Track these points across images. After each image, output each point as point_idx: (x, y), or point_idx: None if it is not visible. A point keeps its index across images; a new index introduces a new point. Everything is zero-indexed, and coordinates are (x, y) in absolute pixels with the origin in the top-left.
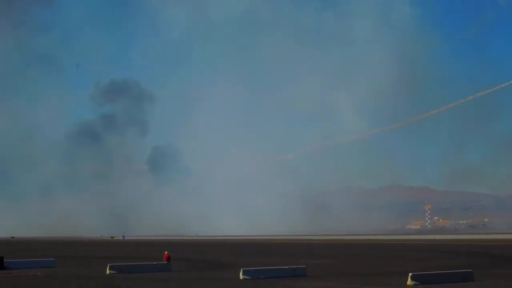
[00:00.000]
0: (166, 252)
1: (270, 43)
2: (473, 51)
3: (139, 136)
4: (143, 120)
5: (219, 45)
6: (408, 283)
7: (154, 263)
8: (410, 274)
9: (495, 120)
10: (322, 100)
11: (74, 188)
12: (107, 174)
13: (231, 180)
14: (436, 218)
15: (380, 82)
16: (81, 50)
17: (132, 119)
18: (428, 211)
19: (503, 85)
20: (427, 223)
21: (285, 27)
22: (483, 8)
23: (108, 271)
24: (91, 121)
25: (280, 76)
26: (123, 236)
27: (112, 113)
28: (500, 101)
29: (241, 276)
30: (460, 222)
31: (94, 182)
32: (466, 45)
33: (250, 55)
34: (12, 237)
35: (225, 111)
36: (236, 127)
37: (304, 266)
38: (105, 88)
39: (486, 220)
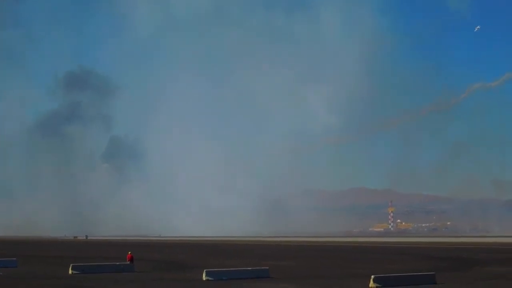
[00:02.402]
0: (129, 253)
1: (237, 40)
2: (435, 56)
3: (101, 132)
4: (106, 116)
5: (185, 41)
6: (370, 286)
7: (117, 263)
8: (372, 276)
9: (451, 124)
10: (288, 99)
11: (35, 186)
12: (69, 172)
13: (194, 179)
14: (399, 221)
15: (347, 85)
16: (45, 44)
17: (95, 116)
18: (391, 214)
19: (462, 95)
20: (390, 226)
21: (252, 24)
22: (444, 16)
23: (70, 271)
24: (52, 116)
25: (246, 74)
26: (86, 236)
27: (74, 109)
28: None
29: (204, 277)
30: (423, 225)
31: (56, 180)
32: (428, 50)
33: (217, 51)
34: None
35: (190, 108)
36: (201, 125)
37: (267, 267)
38: (66, 82)
39: (448, 223)
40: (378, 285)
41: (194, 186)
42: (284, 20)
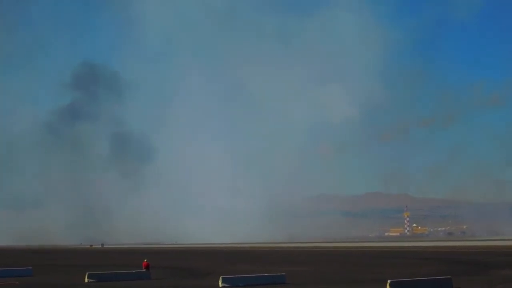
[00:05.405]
0: (145, 260)
1: (248, 41)
2: (439, 58)
3: (111, 136)
4: (118, 121)
5: (197, 41)
6: None
7: (133, 271)
8: (388, 281)
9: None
10: (302, 103)
11: (46, 194)
12: (80, 178)
13: (206, 184)
14: (414, 225)
15: (360, 89)
16: (56, 43)
17: (106, 119)
18: (407, 218)
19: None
20: (406, 230)
21: (263, 26)
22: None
23: (86, 280)
24: (61, 119)
25: (259, 76)
26: (102, 244)
27: (84, 111)
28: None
29: (220, 284)
30: (439, 229)
31: (67, 187)
32: (433, 52)
33: (228, 53)
34: None
35: (202, 110)
36: (214, 127)
37: (284, 273)
38: (75, 82)
39: (464, 227)
40: None
41: (206, 190)
42: (289, 23)
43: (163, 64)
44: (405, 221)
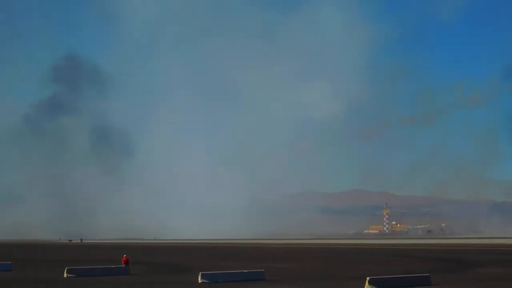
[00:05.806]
0: (124, 256)
1: (234, 37)
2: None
3: (95, 132)
4: (101, 115)
5: (180, 35)
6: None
7: (113, 266)
8: (367, 278)
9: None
10: (285, 99)
11: (30, 190)
12: (59, 173)
13: (188, 179)
14: (394, 222)
15: (343, 87)
16: (37, 36)
17: (90, 115)
18: (386, 216)
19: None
20: (385, 228)
21: (247, 21)
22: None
23: (65, 275)
24: (44, 117)
25: (243, 73)
26: (81, 240)
27: (63, 104)
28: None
29: (200, 280)
30: (418, 227)
31: (46, 181)
32: (414, 51)
33: (212, 47)
34: None
35: (185, 105)
36: (197, 123)
37: (263, 270)
38: (55, 75)
39: (443, 225)
40: (373, 287)
41: (189, 186)
42: (281, 19)
43: (147, 58)
44: (384, 219)
